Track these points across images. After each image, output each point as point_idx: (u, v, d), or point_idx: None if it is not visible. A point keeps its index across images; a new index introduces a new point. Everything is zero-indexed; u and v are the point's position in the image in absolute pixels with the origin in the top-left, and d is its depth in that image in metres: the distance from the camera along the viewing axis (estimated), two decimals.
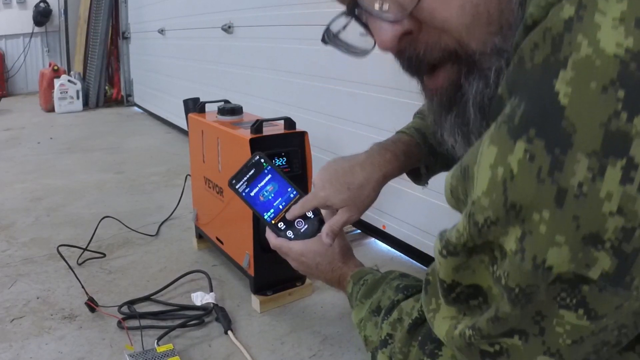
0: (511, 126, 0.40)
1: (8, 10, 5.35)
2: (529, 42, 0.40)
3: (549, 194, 0.38)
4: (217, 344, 1.06)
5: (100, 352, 1.03)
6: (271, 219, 0.83)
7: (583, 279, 0.39)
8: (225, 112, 1.31)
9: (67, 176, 2.29)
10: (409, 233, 1.44)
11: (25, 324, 1.13)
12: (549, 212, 0.38)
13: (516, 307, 0.42)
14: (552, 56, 0.38)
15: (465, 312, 0.49)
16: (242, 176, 0.85)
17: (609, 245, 0.37)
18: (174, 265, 1.40)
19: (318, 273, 0.81)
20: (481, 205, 0.42)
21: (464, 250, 0.45)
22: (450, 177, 0.48)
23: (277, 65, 2.02)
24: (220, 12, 2.45)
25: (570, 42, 0.38)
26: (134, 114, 4.07)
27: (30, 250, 1.51)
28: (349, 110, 1.60)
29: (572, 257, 0.38)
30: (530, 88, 0.40)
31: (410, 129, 0.85)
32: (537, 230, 0.39)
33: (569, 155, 0.37)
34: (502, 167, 0.40)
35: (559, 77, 0.38)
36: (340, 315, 1.16)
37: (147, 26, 3.71)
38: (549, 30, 0.39)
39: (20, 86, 5.46)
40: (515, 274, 0.41)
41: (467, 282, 0.47)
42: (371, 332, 0.65)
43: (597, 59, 0.36)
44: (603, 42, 0.36)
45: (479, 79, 0.49)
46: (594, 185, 0.36)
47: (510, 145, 0.40)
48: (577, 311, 0.40)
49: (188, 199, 1.57)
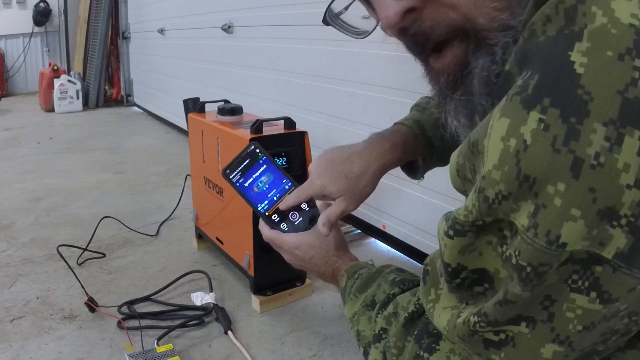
0: (524, 96, 0.38)
1: (8, 10, 5.35)
2: (540, 16, 0.39)
3: (564, 164, 0.36)
4: (217, 344, 1.06)
5: (100, 352, 1.03)
6: (265, 210, 0.80)
7: (597, 259, 0.38)
8: (225, 112, 1.31)
9: (67, 176, 2.29)
10: (409, 233, 1.44)
11: (25, 324, 1.12)
12: (564, 184, 0.37)
13: (527, 287, 0.40)
14: (566, 28, 0.38)
15: (467, 301, 0.47)
16: (237, 166, 0.82)
17: (624, 222, 0.36)
18: (174, 266, 1.40)
19: (312, 266, 0.78)
20: (492, 179, 0.40)
21: (472, 229, 0.43)
22: (456, 156, 0.46)
23: (277, 65, 2.01)
24: (220, 12, 2.45)
25: (585, 13, 0.37)
26: (134, 114, 4.06)
27: (30, 250, 1.51)
28: (349, 110, 1.60)
29: (587, 233, 0.37)
30: (544, 60, 0.38)
31: (408, 120, 0.83)
32: (552, 203, 0.37)
33: (585, 124, 0.36)
34: (514, 138, 0.38)
35: (574, 49, 0.37)
36: (340, 316, 1.16)
37: (147, 26, 3.71)
38: (561, 3, 0.38)
39: (20, 86, 5.46)
40: (527, 251, 0.39)
41: (473, 266, 0.45)
42: (364, 327, 0.64)
43: (612, 28, 0.36)
44: (618, 11, 0.36)
45: (487, 55, 0.47)
46: (611, 155, 0.35)
47: (523, 115, 0.38)
48: (590, 294, 0.39)
49: (188, 199, 1.57)
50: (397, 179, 1.40)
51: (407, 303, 0.58)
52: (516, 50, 0.42)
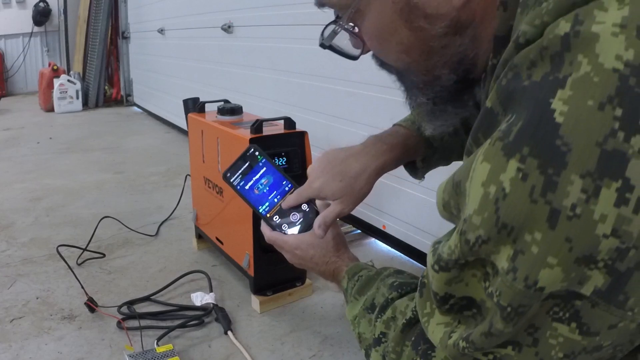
0: (506, 143, 0.39)
1: (7, 9, 5.34)
2: (524, 60, 0.40)
3: (541, 214, 0.37)
4: (217, 344, 1.06)
5: (99, 352, 1.03)
6: (266, 212, 0.82)
7: (576, 295, 0.39)
8: (225, 112, 1.31)
9: (67, 176, 2.28)
10: (409, 233, 1.44)
11: (25, 325, 1.12)
12: (541, 234, 0.38)
13: (509, 324, 0.42)
14: (551, 74, 0.38)
15: (460, 320, 0.49)
16: (237, 169, 0.84)
17: (602, 265, 0.37)
18: (174, 266, 1.40)
19: (312, 265, 0.80)
20: (472, 223, 0.41)
21: (455, 266, 0.45)
22: (442, 192, 0.48)
23: (277, 65, 2.01)
24: (220, 11, 2.44)
25: (571, 61, 0.37)
26: (134, 114, 4.06)
27: (30, 250, 1.51)
28: (349, 110, 1.60)
29: (564, 277, 0.38)
30: (527, 105, 0.39)
31: (407, 121, 0.84)
32: (529, 250, 0.38)
33: (563, 176, 0.36)
34: (494, 185, 0.39)
35: (556, 96, 0.37)
36: (340, 316, 1.16)
37: (146, 26, 3.71)
38: (545, 49, 0.38)
39: (19, 86, 5.46)
40: (507, 293, 0.40)
41: (461, 294, 0.47)
42: (365, 329, 0.65)
43: (595, 76, 0.36)
44: (602, 55, 0.35)
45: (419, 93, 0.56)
46: (588, 206, 0.36)
47: (503, 163, 0.39)
48: (570, 325, 0.40)
49: (188, 199, 1.57)
50: (397, 179, 1.40)
51: (405, 308, 0.59)
52: (499, 88, 0.42)
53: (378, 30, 0.53)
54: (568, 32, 0.37)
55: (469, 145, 0.47)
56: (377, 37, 0.53)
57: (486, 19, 0.49)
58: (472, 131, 0.47)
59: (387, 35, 0.52)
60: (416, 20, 0.49)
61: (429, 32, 0.49)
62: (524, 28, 0.40)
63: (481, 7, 0.48)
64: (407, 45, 0.51)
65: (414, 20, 0.49)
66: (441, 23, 0.49)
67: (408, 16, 0.49)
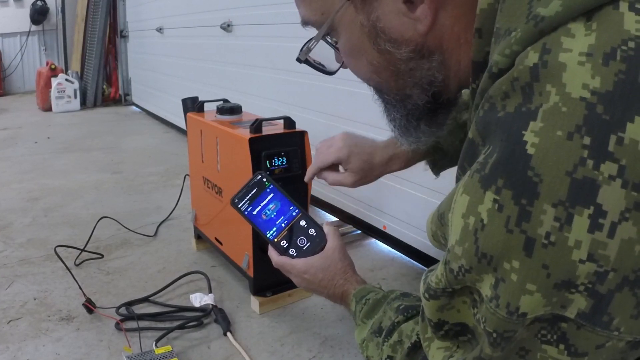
0: (482, 175, 0.41)
1: (5, 8, 5.33)
2: (498, 91, 0.41)
3: (517, 243, 0.39)
4: (216, 345, 1.05)
5: (98, 354, 1.02)
6: (274, 237, 0.85)
7: (561, 318, 0.40)
8: (224, 112, 1.30)
9: (65, 176, 2.27)
10: (410, 233, 1.43)
11: (22, 326, 1.11)
12: (518, 262, 0.39)
13: (497, 349, 0.43)
14: (524, 105, 0.39)
15: (458, 345, 0.50)
16: (245, 195, 0.87)
17: (582, 288, 0.38)
18: (173, 266, 1.39)
19: (321, 289, 0.83)
20: (455, 253, 0.43)
21: (444, 294, 0.47)
22: (430, 223, 0.51)
23: (276, 64, 2.01)
24: (219, 10, 2.43)
25: (540, 92, 0.38)
26: (132, 113, 4.05)
27: (27, 251, 1.50)
28: (349, 109, 1.60)
29: (546, 302, 0.39)
30: (501, 137, 0.40)
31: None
32: (509, 278, 0.40)
33: (536, 205, 0.37)
34: (473, 216, 0.41)
35: (528, 128, 0.38)
36: (340, 317, 1.15)
37: (145, 24, 3.70)
38: (516, 80, 0.39)
39: (17, 85, 5.45)
40: (492, 319, 0.42)
41: (454, 321, 0.49)
42: (373, 353, 0.67)
43: (563, 106, 0.36)
44: (569, 85, 0.36)
45: (393, 109, 0.59)
46: (562, 234, 0.37)
47: (480, 194, 0.40)
48: (559, 346, 0.41)
49: (187, 199, 1.56)
50: (398, 179, 1.39)
51: (411, 332, 0.61)
52: (477, 120, 0.44)
53: (349, 49, 0.56)
54: (537, 62, 0.38)
55: (458, 174, 0.49)
56: (349, 55, 0.56)
57: (457, 44, 0.50)
58: (459, 160, 0.49)
59: (358, 55, 0.55)
60: (382, 43, 0.51)
61: (394, 55, 0.52)
62: (496, 58, 0.42)
63: (449, 34, 0.50)
64: (376, 66, 0.54)
65: (380, 43, 0.51)
66: (406, 48, 0.51)
67: (375, 39, 0.52)
